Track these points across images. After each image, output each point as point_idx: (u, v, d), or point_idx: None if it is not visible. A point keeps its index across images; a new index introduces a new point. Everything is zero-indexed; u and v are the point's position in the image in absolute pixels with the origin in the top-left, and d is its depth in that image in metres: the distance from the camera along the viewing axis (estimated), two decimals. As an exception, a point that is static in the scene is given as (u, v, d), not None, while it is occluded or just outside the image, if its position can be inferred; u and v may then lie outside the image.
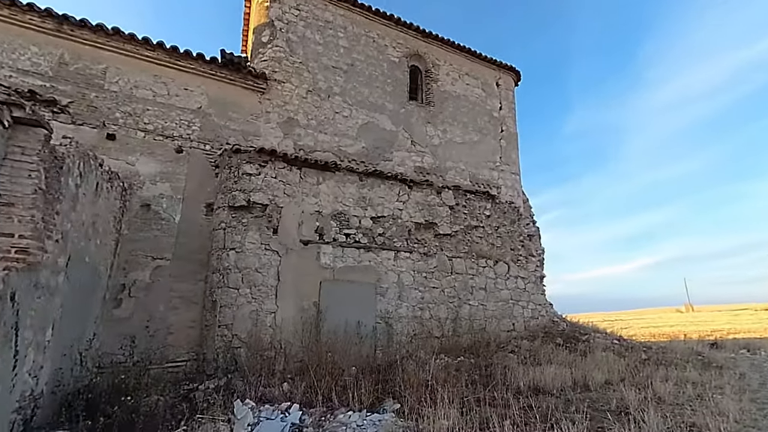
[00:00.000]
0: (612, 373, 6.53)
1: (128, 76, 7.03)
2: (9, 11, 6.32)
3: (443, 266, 8.62)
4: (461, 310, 8.58)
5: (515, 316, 9.37)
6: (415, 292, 8.09)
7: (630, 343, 9.12)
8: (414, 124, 9.95)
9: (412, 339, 7.79)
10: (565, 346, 8.48)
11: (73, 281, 4.12)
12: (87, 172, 4.18)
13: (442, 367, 6.73)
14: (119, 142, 6.67)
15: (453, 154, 10.36)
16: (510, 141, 11.57)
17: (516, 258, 9.96)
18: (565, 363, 7.08)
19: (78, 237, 4.16)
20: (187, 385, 5.42)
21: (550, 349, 7.92)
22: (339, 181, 7.82)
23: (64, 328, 3.97)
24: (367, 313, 7.43)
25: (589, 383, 6.05)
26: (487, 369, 6.72)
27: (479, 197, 9.86)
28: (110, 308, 5.92)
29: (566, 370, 6.44)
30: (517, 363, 7.14)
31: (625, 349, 8.50)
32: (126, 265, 6.23)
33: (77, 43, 6.74)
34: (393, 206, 8.32)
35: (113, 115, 6.75)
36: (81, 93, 6.61)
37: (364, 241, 7.74)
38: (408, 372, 5.82)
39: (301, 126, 8.40)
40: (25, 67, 6.34)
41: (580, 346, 8.26)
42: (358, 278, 7.54)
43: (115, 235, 5.87)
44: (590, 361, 7.18)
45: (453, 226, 9.02)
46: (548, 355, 7.45)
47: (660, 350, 8.88)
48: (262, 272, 6.49)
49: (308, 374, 6.02)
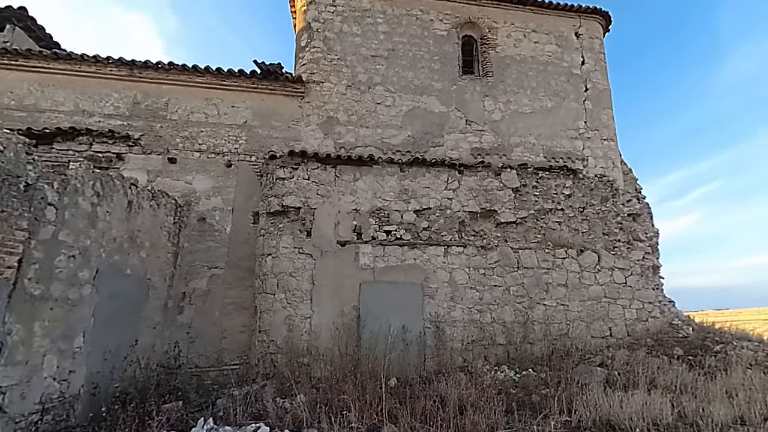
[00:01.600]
0: (751, 405, 4.57)
1: (185, 104, 7.83)
2: (96, 67, 7.63)
3: (507, 260, 7.41)
4: (533, 312, 7.26)
5: (612, 319, 7.52)
6: (471, 292, 7.15)
7: (799, 357, 6.42)
8: (468, 100, 8.83)
9: (468, 346, 6.90)
10: (687, 359, 6.43)
11: (108, 292, 4.65)
12: (108, 192, 4.67)
13: (494, 384, 5.75)
14: (179, 164, 7.48)
15: (520, 127, 8.88)
16: (599, 101, 9.39)
17: (612, 245, 8.01)
18: (676, 386, 5.31)
19: (108, 252, 4.69)
20: (226, 389, 5.74)
21: (658, 363, 6.08)
22: (377, 175, 7.37)
23: (100, 335, 4.52)
24: (414, 317, 6.84)
25: (700, 421, 4.31)
26: (554, 389, 5.48)
27: (555, 174, 8.22)
28: (174, 315, 6.67)
29: (670, 397, 4.76)
30: (600, 382, 5.66)
31: (788, 367, 6.01)
32: (186, 275, 6.95)
33: (145, 83, 7.79)
34: (440, 196, 7.49)
35: (174, 141, 7.60)
36: (149, 126, 7.61)
37: (407, 238, 7.15)
38: (437, 388, 5.08)
39: (341, 123, 8.21)
40: (109, 112, 7.58)
41: (710, 361, 6.14)
42: (402, 279, 6.99)
43: (171, 248, 6.58)
44: (719, 385, 5.24)
45: (519, 211, 7.69)
46: (653, 373, 5.71)
47: None
48: (296, 276, 6.51)
49: (341, 384, 5.81)
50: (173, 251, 6.66)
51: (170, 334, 6.52)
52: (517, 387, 5.78)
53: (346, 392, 5.33)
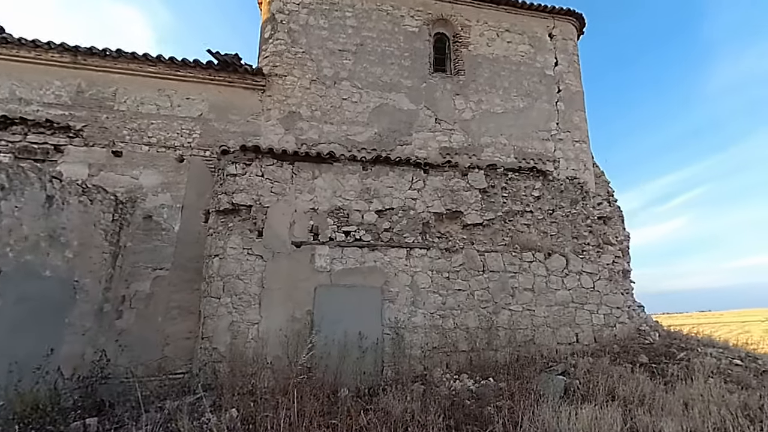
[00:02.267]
0: (705, 419, 4.31)
1: (135, 94, 7.34)
2: (36, 52, 7.09)
3: (472, 263, 7.12)
4: (498, 318, 6.97)
5: (579, 324, 7.29)
6: (433, 297, 6.82)
7: (765, 364, 6.26)
8: (439, 99, 8.56)
9: (429, 353, 6.56)
10: (651, 367, 6.21)
11: (15, 296, 4.16)
12: (17, 185, 4.19)
13: (450, 394, 5.42)
14: (125, 158, 6.98)
15: (491, 127, 8.65)
16: (571, 102, 9.24)
17: (581, 248, 7.80)
18: (634, 397, 5.05)
19: (17, 251, 4.20)
20: (164, 401, 5.27)
21: (621, 371, 5.84)
22: (338, 173, 7.01)
23: (4, 343, 4.01)
24: (372, 323, 6.47)
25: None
26: (510, 400, 5.17)
27: (525, 175, 7.98)
28: (112, 320, 6.16)
29: (623, 411, 4.46)
30: (559, 392, 5.39)
31: (754, 375, 5.83)
32: (128, 276, 6.44)
33: (91, 71, 7.27)
34: (404, 196, 7.16)
35: (121, 133, 7.10)
36: (94, 116, 7.10)
37: (367, 239, 6.79)
38: (384, 401, 4.72)
39: (304, 119, 7.83)
40: (49, 100, 7.04)
41: (673, 369, 5.92)
42: (361, 282, 6.62)
43: (108, 248, 6.08)
44: (678, 395, 5.01)
45: (485, 213, 7.42)
46: (613, 382, 5.45)
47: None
48: (243, 279, 6.08)
49: (287, 395, 5.41)
50: (111, 251, 6.16)
51: (106, 341, 6.01)
52: (473, 398, 5.46)
53: (288, 405, 4.94)
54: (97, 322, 5.86)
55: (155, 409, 4.92)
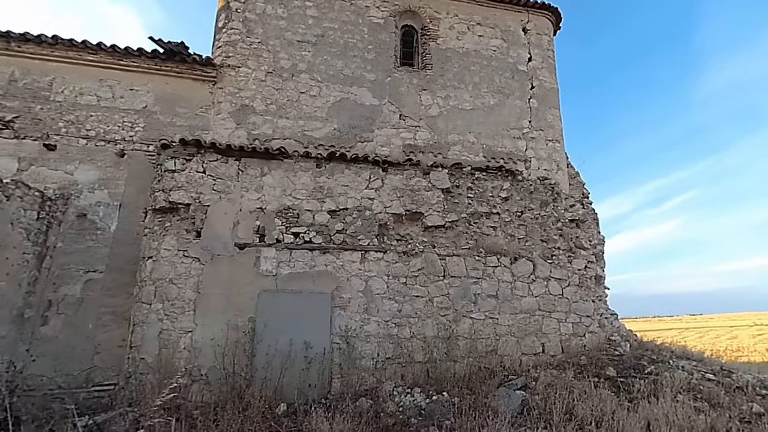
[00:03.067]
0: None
1: (74, 84, 6.86)
2: (-34, 38, 6.59)
3: (432, 268, 6.69)
4: (458, 326, 6.54)
5: (546, 334, 6.88)
6: (389, 303, 6.38)
7: (739, 378, 5.86)
8: (404, 94, 8.14)
9: (382, 364, 6.12)
10: (617, 381, 5.80)
11: None
12: None
13: (396, 411, 4.99)
14: (59, 152, 6.50)
15: (459, 124, 8.24)
16: (545, 99, 8.86)
17: (550, 253, 7.39)
18: (593, 418, 4.64)
19: None
20: (83, 418, 4.78)
21: (584, 387, 5.42)
22: (289, 170, 6.55)
23: None
24: (320, 331, 6.01)
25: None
26: (460, 418, 4.74)
27: (492, 175, 7.57)
28: (36, 326, 5.67)
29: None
30: (516, 409, 4.97)
31: (726, 391, 5.43)
32: (57, 279, 5.96)
33: (26, 58, 6.78)
34: (360, 195, 6.72)
35: (56, 125, 6.62)
36: (27, 107, 6.60)
37: (318, 241, 6.34)
38: (315, 421, 4.27)
39: (258, 113, 7.38)
40: (-21, 90, 6.54)
41: (640, 384, 5.51)
42: (310, 287, 6.17)
43: (32, 248, 5.59)
44: (641, 416, 4.60)
45: (448, 214, 6.99)
46: (573, 399, 5.03)
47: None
48: (177, 284, 5.61)
49: (220, 411, 4.96)
50: (36, 252, 5.67)
51: (29, 350, 5.52)
52: (421, 415, 5.03)
53: (210, 424, 4.49)
54: (15, 329, 5.38)
55: (70, 427, 4.44)
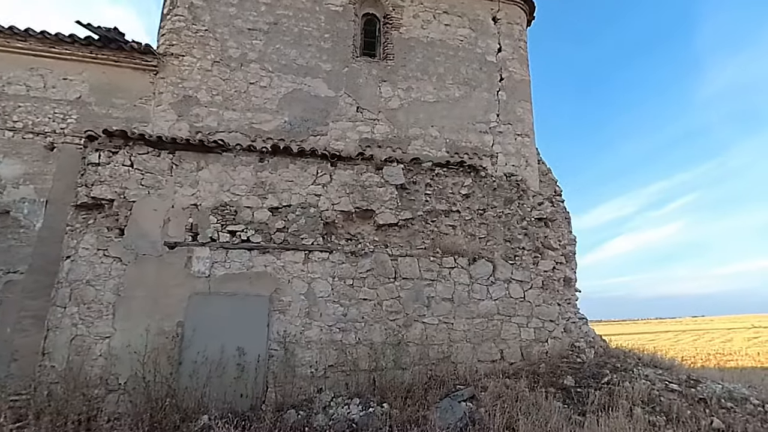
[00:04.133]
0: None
1: (1, 73, 6.43)
2: None
3: (382, 269, 6.25)
4: (409, 332, 6.10)
5: (505, 339, 6.43)
6: (333, 307, 5.94)
7: (705, 389, 5.40)
8: (362, 85, 7.71)
9: (325, 372, 5.68)
10: (574, 391, 5.35)
11: None
12: None
13: (326, 425, 4.56)
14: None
15: (421, 117, 7.80)
16: (515, 92, 8.42)
17: (513, 253, 6.95)
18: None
19: None
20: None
21: (535, 398, 4.97)
22: (228, 164, 6.12)
23: None
24: (256, 337, 5.58)
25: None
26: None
27: (453, 171, 7.14)
28: (-55, 330, 5.24)
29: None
30: (457, 424, 4.52)
31: (689, 403, 4.98)
32: (-28, 280, 5.53)
33: (-49, 45, 6.37)
34: (306, 191, 6.29)
35: (-20, 116, 6.19)
36: (-51, 97, 6.18)
37: (257, 240, 5.90)
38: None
39: (202, 104, 6.95)
40: None
41: (595, 395, 5.06)
42: (247, 289, 5.73)
43: (-62, 248, 5.15)
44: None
45: (402, 212, 6.55)
46: (516, 413, 4.58)
47: None
48: (95, 285, 5.18)
49: (136, 425, 4.54)
50: (-56, 252, 5.24)
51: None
52: (352, 429, 4.58)
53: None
54: None
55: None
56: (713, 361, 15.42)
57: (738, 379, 6.77)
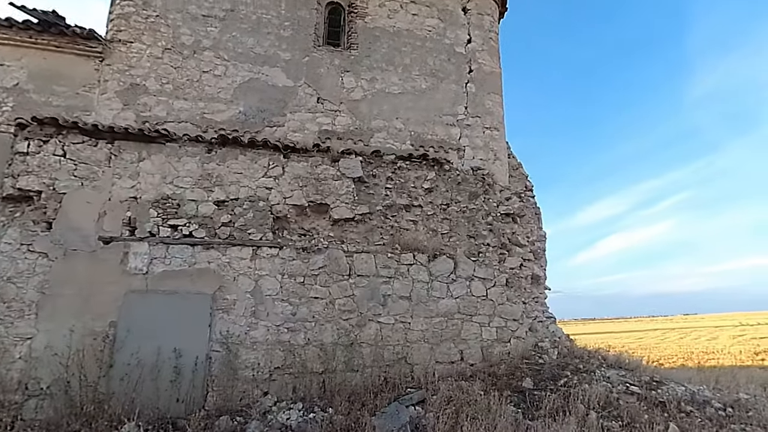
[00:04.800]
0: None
1: (-67, 58, 6.05)
2: None
3: (336, 266, 5.95)
4: (363, 332, 5.80)
5: (465, 340, 6.15)
6: (282, 306, 5.63)
7: (668, 391, 5.15)
8: (323, 75, 7.40)
9: (271, 375, 5.37)
10: (532, 394, 5.08)
11: None
12: None
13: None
14: None
15: (385, 109, 7.51)
16: (484, 84, 8.16)
17: (476, 250, 6.68)
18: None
19: None
20: None
21: (489, 401, 4.68)
22: (171, 155, 5.80)
23: None
24: (196, 337, 5.25)
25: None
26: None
27: (416, 164, 6.87)
28: None
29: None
30: (391, 430, 4.23)
31: (647, 407, 4.72)
32: None
33: None
34: (256, 184, 5.98)
35: None
36: None
37: (201, 235, 5.58)
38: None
39: (151, 93, 6.59)
40: None
41: (551, 398, 4.79)
42: (189, 287, 5.40)
43: None
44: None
45: (358, 207, 6.25)
46: (466, 417, 4.30)
47: (733, 407, 4.80)
48: (17, 283, 4.82)
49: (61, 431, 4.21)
50: None
51: None
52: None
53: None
54: None
55: None
56: (695, 359, 15.31)
57: (707, 380, 6.55)
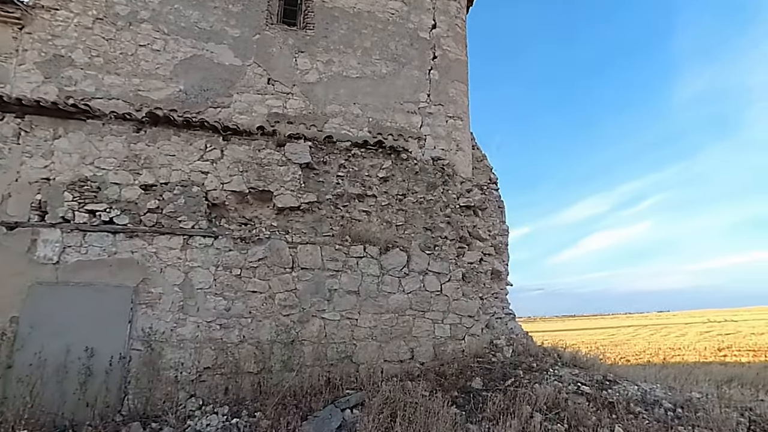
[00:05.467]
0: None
1: None
2: None
3: (277, 258, 5.50)
4: (305, 328, 5.38)
5: (417, 337, 5.81)
6: (215, 300, 5.15)
7: (619, 390, 4.92)
8: (275, 55, 6.91)
9: (200, 376, 4.89)
10: (479, 395, 4.76)
11: None
12: None
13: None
14: None
15: (342, 94, 7.08)
16: (448, 71, 7.82)
17: (432, 243, 6.34)
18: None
19: None
20: None
21: (432, 404, 4.33)
22: (94, 133, 5.23)
23: None
24: (113, 335, 4.72)
25: None
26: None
27: (372, 152, 6.48)
28: None
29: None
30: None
31: (596, 408, 4.46)
32: None
33: None
34: (190, 168, 5.47)
35: None
36: None
37: (123, 222, 5.03)
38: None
39: (78, 66, 5.96)
40: None
41: (498, 399, 4.48)
42: (108, 279, 4.86)
43: None
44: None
45: (305, 195, 5.82)
46: (398, 422, 3.94)
47: (684, 407, 4.60)
48: None
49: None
50: None
51: None
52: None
53: None
54: None
55: None
56: (661, 356, 15.48)
57: (665, 377, 6.40)
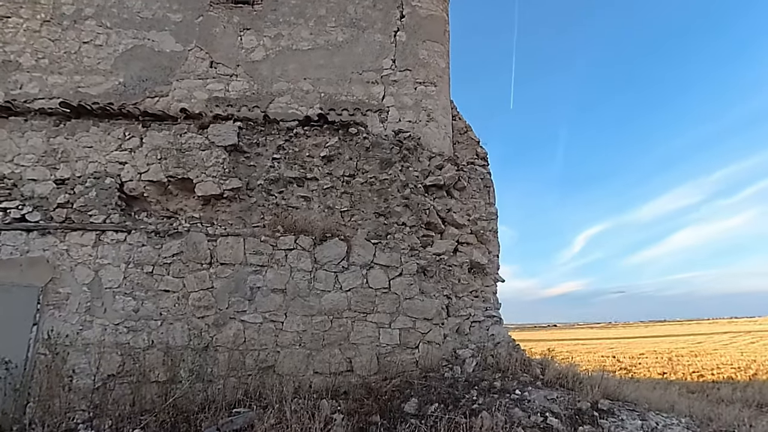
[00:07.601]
0: None
1: None
2: None
3: (194, 252, 4.89)
4: (222, 332, 4.68)
5: (356, 345, 4.78)
6: (123, 300, 4.69)
7: (610, 425, 3.40)
8: (218, 36, 6.40)
9: (105, 384, 4.44)
10: (406, 422, 3.62)
11: None
12: None
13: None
14: None
15: (290, 69, 6.33)
16: (418, 30, 6.66)
17: (384, 231, 5.27)
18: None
19: None
20: None
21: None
22: (14, 130, 5.14)
23: None
24: (15, 339, 4.47)
25: None
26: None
27: (317, 130, 5.63)
28: None
29: None
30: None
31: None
32: None
33: None
34: (106, 159, 5.13)
35: None
36: None
37: (34, 219, 4.82)
38: None
39: (24, 69, 6.01)
40: None
41: (439, 425, 3.32)
42: (15, 279, 4.65)
43: None
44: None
45: (229, 181, 5.16)
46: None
47: None
48: None
49: None
50: None
51: None
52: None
53: None
54: None
55: None
56: (752, 370, 12.26)
57: (735, 399, 4.53)
